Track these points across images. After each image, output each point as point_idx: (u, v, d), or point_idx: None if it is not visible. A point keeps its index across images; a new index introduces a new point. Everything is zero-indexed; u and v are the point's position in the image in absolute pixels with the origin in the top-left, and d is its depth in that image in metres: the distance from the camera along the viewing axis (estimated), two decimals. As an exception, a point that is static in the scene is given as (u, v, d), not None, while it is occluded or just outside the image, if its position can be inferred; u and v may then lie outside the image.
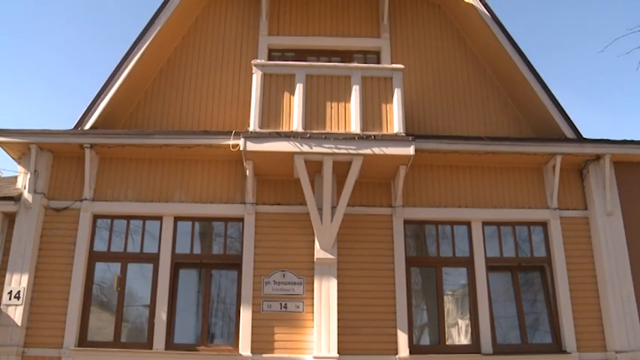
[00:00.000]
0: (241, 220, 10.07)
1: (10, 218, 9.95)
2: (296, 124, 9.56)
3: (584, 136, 10.68)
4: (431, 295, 10.13)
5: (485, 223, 10.32)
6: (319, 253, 9.57)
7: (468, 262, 10.16)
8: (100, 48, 34.01)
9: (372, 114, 9.74)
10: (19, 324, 9.31)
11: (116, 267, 9.97)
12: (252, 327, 9.40)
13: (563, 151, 10.25)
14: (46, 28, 30.98)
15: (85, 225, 9.93)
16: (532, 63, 10.88)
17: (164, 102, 11.10)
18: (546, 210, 10.37)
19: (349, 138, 9.45)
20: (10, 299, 9.38)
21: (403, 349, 9.37)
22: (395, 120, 9.69)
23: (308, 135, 9.44)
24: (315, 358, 9.13)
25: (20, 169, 10.20)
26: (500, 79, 11.51)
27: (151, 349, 9.43)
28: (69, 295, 9.57)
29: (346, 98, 9.75)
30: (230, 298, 9.94)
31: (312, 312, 9.40)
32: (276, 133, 9.43)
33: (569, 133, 10.66)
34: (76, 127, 10.39)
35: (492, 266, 10.18)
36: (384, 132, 9.60)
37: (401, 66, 10.08)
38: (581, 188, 10.56)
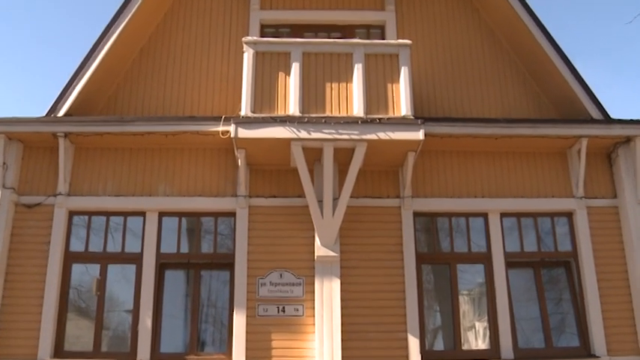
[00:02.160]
0: (233, 214, 10.04)
1: (-23, 216, 9.87)
2: (292, 108, 9.54)
3: (613, 117, 10.65)
4: (444, 295, 10.14)
5: (503, 215, 10.31)
6: (320, 250, 9.56)
7: (486, 258, 10.15)
8: (74, 25, 33.64)
9: (376, 95, 9.75)
10: (-12, 333, 9.17)
11: (95, 269, 9.96)
12: (247, 333, 9.38)
13: (590, 133, 10.21)
14: (11, 1, 30.63)
15: (59, 222, 9.90)
16: (553, 36, 10.85)
17: (146, 85, 11.04)
18: (571, 199, 10.37)
19: (352, 122, 9.45)
20: (-23, 306, 9.24)
21: (414, 355, 9.38)
22: (402, 101, 9.68)
23: (306, 119, 9.43)
24: (317, 366, 9.08)
25: (-14, 161, 10.09)
26: (519, 54, 11.46)
27: (135, 359, 9.42)
28: (43, 301, 9.54)
29: (348, 78, 9.76)
30: (222, 301, 9.94)
31: (313, 316, 9.41)
32: (271, 117, 9.43)
33: (596, 114, 10.63)
34: (49, 114, 10.35)
35: (512, 262, 10.17)
36: (390, 115, 9.61)
37: (408, 42, 10.04)
38: (610, 174, 10.56)
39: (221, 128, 9.82)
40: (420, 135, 9.48)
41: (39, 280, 9.63)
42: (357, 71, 9.77)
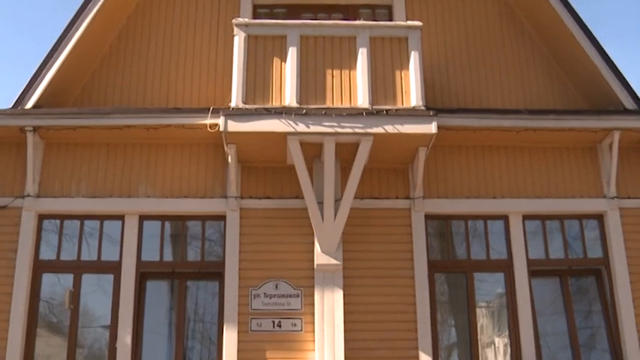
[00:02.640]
0: (223, 218, 9.87)
1: (-64, 221, 9.75)
2: (289, 98, 9.36)
3: (648, 107, 10.43)
4: (460, 308, 10.00)
5: (526, 217, 10.11)
6: (320, 258, 9.41)
7: (506, 266, 9.95)
8: (43, 7, 33.08)
9: (383, 84, 9.60)
10: (-52, 352, 9.01)
11: (68, 279, 9.76)
12: (239, 351, 9.19)
13: (623, 125, 10.01)
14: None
15: (28, 228, 9.72)
16: (581, 16, 10.59)
17: (124, 73, 10.80)
18: (602, 199, 10.18)
19: (355, 114, 9.29)
20: (-64, 322, 9.22)
21: (427, 375, 9.22)
22: (412, 90, 9.51)
23: (304, 111, 9.25)
24: (316, 388, 9.02)
25: (-55, 160, 10.08)
26: (543, 37, 11.19)
27: (113, 380, 9.25)
28: (9, 315, 9.36)
29: (351, 65, 9.61)
30: (210, 315, 9.82)
31: (313, 331, 9.24)
32: (265, 109, 9.28)
33: (630, 104, 10.34)
34: (15, 105, 10.09)
35: (536, 270, 9.98)
36: (399, 106, 9.45)
37: (418, 23, 9.87)
38: (645, 172, 10.45)
39: (209, 121, 9.60)
40: (432, 128, 9.31)
41: (5, 292, 9.45)
42: (362, 57, 9.60)
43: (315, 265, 9.41)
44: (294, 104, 9.29)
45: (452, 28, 11.24)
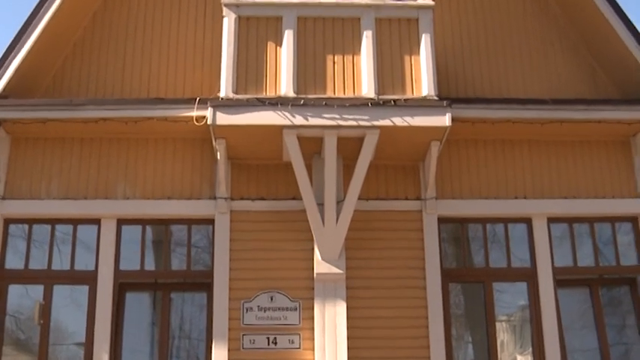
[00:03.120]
0: (211, 222, 9.62)
1: None
2: (285, 87, 9.16)
3: (689, 96, 10.26)
4: (478, 322, 9.77)
5: (551, 220, 9.85)
6: (321, 266, 9.14)
7: (529, 275, 9.69)
8: None
9: (390, 70, 9.38)
10: None
11: (37, 291, 9.51)
12: None
13: None
14: None
15: None
16: None
17: (100, 59, 10.57)
18: (637, 200, 9.95)
19: (360, 105, 9.06)
20: None
21: (440, 398, 9.24)
22: (423, 78, 9.27)
23: (302, 101, 9.03)
24: (317, 413, 8.97)
25: None
26: (570, 18, 10.94)
27: (88, 403, 9.26)
28: None
29: (355, 50, 9.40)
30: (197, 331, 9.66)
31: (313, 349, 8.98)
32: (258, 99, 9.04)
33: None
34: None
35: (563, 280, 9.73)
36: (409, 95, 9.22)
37: (430, 2, 9.59)
38: (685, 169, 10.33)
39: (195, 113, 9.36)
40: (445, 120, 9.08)
41: (-33, 306, 9.29)
42: (367, 40, 9.36)
43: (314, 275, 9.19)
44: (291, 94, 9.12)
45: (468, 8, 11.05)
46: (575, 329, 9.68)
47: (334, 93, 9.20)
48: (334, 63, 9.35)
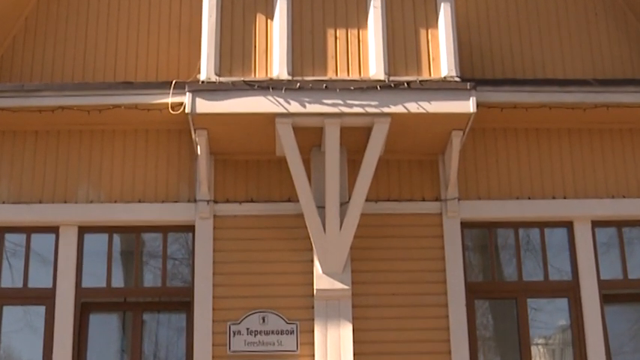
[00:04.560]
0: (191, 229, 9.24)
1: None
2: (277, 68, 8.81)
3: None
4: (510, 345, 9.40)
5: (596, 224, 9.43)
6: (322, 281, 8.76)
7: (571, 290, 9.29)
8: None
9: (403, 48, 8.99)
10: None
11: None
12: None
13: None
14: None
15: None
16: None
17: (57, 37, 10.15)
18: None
19: (367, 88, 8.70)
20: None
21: None
22: (442, 57, 8.91)
23: (298, 85, 8.67)
24: None
25: None
26: None
27: None
28: None
29: (360, 23, 9.03)
30: (175, 359, 9.32)
31: None
32: (245, 82, 8.68)
33: None
34: None
35: (611, 295, 9.33)
36: (425, 77, 8.84)
37: None
38: None
39: (171, 100, 8.92)
40: (469, 105, 8.68)
41: None
42: (375, 12, 8.98)
43: (314, 291, 8.79)
44: (285, 76, 8.76)
45: (494, -25, 10.66)
46: (626, 353, 9.37)
47: (336, 74, 8.84)
48: (336, 39, 8.98)
